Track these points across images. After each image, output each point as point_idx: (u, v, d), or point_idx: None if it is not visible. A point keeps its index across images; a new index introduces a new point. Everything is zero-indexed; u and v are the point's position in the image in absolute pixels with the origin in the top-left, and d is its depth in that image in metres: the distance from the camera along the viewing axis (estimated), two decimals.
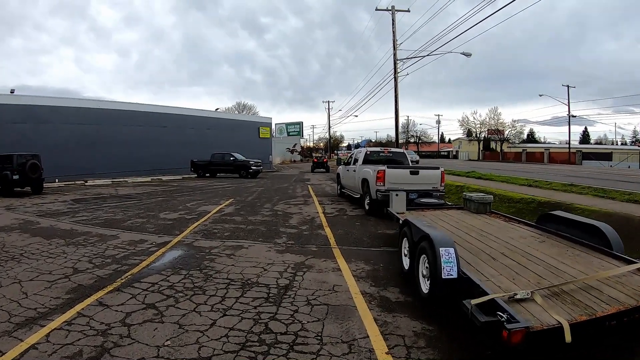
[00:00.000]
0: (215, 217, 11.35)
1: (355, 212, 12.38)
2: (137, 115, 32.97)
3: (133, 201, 15.58)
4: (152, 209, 13.12)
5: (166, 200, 15.59)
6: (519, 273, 4.38)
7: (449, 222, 7.37)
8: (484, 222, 7.34)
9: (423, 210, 8.76)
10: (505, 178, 19.36)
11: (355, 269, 6.29)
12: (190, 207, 13.63)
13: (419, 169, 11.08)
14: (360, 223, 10.47)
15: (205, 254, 7.33)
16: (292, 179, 28.61)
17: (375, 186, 10.90)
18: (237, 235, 8.90)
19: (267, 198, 16.21)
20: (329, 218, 11.20)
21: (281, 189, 20.42)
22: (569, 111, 60.60)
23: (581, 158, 63.46)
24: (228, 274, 6.07)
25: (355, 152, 14.85)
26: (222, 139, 38.23)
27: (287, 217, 11.42)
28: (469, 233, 6.39)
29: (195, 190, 20.15)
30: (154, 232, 9.38)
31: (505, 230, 6.59)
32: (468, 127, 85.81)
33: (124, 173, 30.17)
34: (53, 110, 27.88)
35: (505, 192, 13.58)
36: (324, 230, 9.46)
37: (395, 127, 26.64)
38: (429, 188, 11.03)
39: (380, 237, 8.86)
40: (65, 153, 27.58)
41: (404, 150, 14.52)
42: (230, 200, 15.49)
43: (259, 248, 7.75)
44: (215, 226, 10.01)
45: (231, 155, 30.90)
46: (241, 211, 12.53)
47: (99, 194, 18.58)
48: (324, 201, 15.09)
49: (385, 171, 10.74)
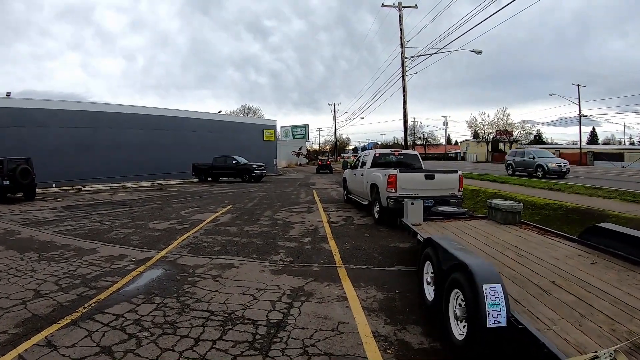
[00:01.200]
0: (208, 228, 10.26)
1: (364, 220, 11.23)
2: (137, 118, 32.12)
3: (125, 208, 14.57)
4: (142, 218, 12.09)
5: (160, 208, 14.55)
6: (584, 315, 3.25)
7: (476, 237, 6.22)
8: (517, 237, 6.20)
9: (442, 221, 7.63)
10: (522, 181, 18.19)
11: (365, 297, 5.13)
12: (184, 215, 12.57)
13: (435, 173, 9.91)
14: (369, 234, 9.29)
15: (188, 274, 6.25)
16: (296, 183, 27.50)
17: (385, 192, 9.75)
18: (229, 251, 7.78)
19: (268, 204, 15.10)
20: (334, 228, 10.05)
21: (284, 195, 19.29)
22: (580, 110, 59.18)
23: (592, 159, 61.96)
24: (209, 303, 4.96)
25: (363, 155, 13.69)
26: (225, 142, 37.36)
27: (287, 227, 10.28)
28: (504, 252, 5.24)
29: (194, 195, 19.09)
30: (137, 246, 8.35)
31: (545, 248, 5.44)
32: (476, 128, 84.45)
33: (124, 177, 29.34)
34: (50, 114, 27.14)
35: (526, 197, 12.41)
36: (328, 243, 8.31)
37: (404, 127, 25.50)
38: (446, 194, 9.90)
39: (393, 252, 7.66)
40: (62, 157, 26.99)
41: (416, 152, 13.35)
42: (229, 207, 14.40)
43: (251, 267, 6.63)
44: (206, 239, 8.92)
45: (233, 158, 29.87)
46: (238, 220, 11.43)
47: (93, 200, 17.61)
48: (329, 208, 13.96)
49: (397, 175, 9.59)
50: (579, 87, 58.78)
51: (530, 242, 5.77)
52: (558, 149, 72.61)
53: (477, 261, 3.51)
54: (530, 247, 5.43)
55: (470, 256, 3.70)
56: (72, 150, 27.79)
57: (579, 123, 60.58)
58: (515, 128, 78.46)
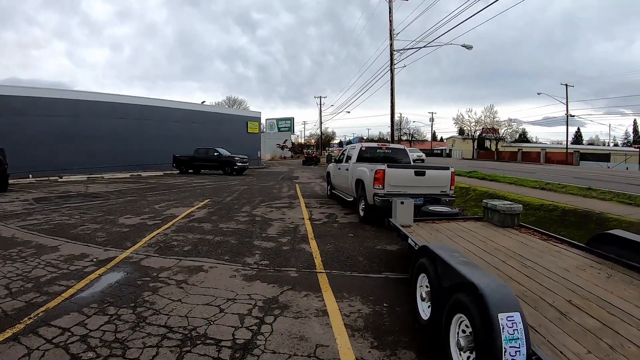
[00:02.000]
0: (181, 224, 9.52)
1: (348, 218, 10.57)
2: (118, 107, 30.93)
3: (98, 201, 13.75)
4: (113, 212, 11.31)
5: (134, 201, 13.74)
6: (613, 347, 2.66)
7: (473, 242, 5.60)
8: (518, 242, 5.61)
9: (434, 222, 7.02)
10: (512, 179, 17.72)
11: (348, 311, 4.47)
12: (157, 209, 11.80)
13: (426, 169, 9.28)
14: (353, 234, 8.62)
15: (151, 279, 5.56)
16: (279, 177, 26.69)
17: (372, 189, 9.08)
18: (199, 251, 7.06)
19: (248, 199, 14.37)
20: (316, 226, 9.36)
21: (266, 188, 18.53)
22: (567, 110, 59.29)
23: (579, 159, 62.30)
24: (169, 316, 4.28)
25: (348, 148, 12.99)
26: (209, 134, 36.39)
27: (265, 224, 9.57)
28: (507, 261, 4.62)
29: (172, 188, 18.26)
30: (101, 244, 7.62)
31: (551, 256, 4.84)
32: (462, 125, 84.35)
33: (103, 168, 28.30)
34: (28, 102, 25.90)
35: (519, 196, 11.90)
36: (309, 244, 7.61)
37: (391, 120, 24.90)
38: (436, 192, 9.29)
39: (380, 255, 6.99)
40: (40, 147, 25.87)
41: (404, 147, 12.69)
42: (206, 201, 13.64)
43: (221, 271, 5.93)
44: (177, 236, 8.18)
45: (215, 150, 28.99)
46: (214, 215, 10.70)
47: (67, 192, 16.72)
48: (312, 204, 13.27)
49: (385, 171, 8.92)
50: (567, 86, 58.99)
51: (533, 249, 5.17)
52: (544, 148, 72.91)
53: (490, 282, 2.84)
54: (535, 256, 4.84)
55: (480, 274, 3.03)
56: (51, 140, 26.59)
57: (566, 123, 60.67)
58: (502, 126, 78.49)
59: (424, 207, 7.81)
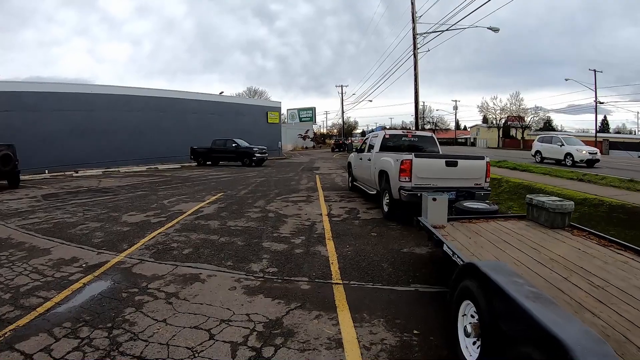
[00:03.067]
0: (186, 221, 8.71)
1: (370, 214, 9.57)
2: (134, 100, 30.44)
3: (107, 196, 13.12)
4: (119, 208, 10.63)
5: (144, 196, 13.05)
6: None
7: (522, 249, 4.59)
8: (575, 250, 4.56)
9: (471, 222, 6.03)
10: (545, 169, 16.45)
11: (368, 341, 3.52)
12: (166, 204, 11.06)
13: (458, 159, 8.24)
14: (377, 234, 7.61)
15: (138, 290, 4.78)
16: (299, 168, 25.80)
17: (397, 182, 8.07)
18: (200, 255, 6.22)
19: (264, 192, 13.51)
20: (334, 224, 8.40)
21: (283, 180, 17.65)
22: (596, 97, 56.80)
23: (608, 147, 60.03)
24: (147, 343, 3.48)
25: (371, 136, 11.95)
26: (228, 125, 35.74)
27: (279, 221, 8.68)
28: (570, 278, 3.58)
29: (187, 181, 17.56)
30: (96, 245, 6.91)
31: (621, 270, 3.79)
32: (487, 113, 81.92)
33: (119, 162, 27.98)
34: (41, 97, 25.47)
35: (557, 188, 10.79)
36: (326, 246, 6.67)
37: (415, 107, 23.73)
38: (470, 185, 8.24)
39: (407, 260, 6.01)
40: (55, 142, 25.63)
41: (432, 134, 11.58)
42: (219, 195, 12.85)
43: (220, 281, 5.07)
44: (179, 237, 7.37)
45: (233, 141, 28.27)
46: (224, 211, 9.86)
47: (77, 188, 16.21)
48: (332, 197, 12.32)
49: (412, 161, 7.89)
50: (595, 72, 56.27)
51: (595, 260, 4.13)
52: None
53: (581, 336, 1.82)
54: (600, 269, 3.81)
55: (563, 320, 2.00)
56: (66, 135, 26.28)
57: (595, 110, 58.30)
58: (529, 113, 76.03)
59: (457, 203, 6.80)
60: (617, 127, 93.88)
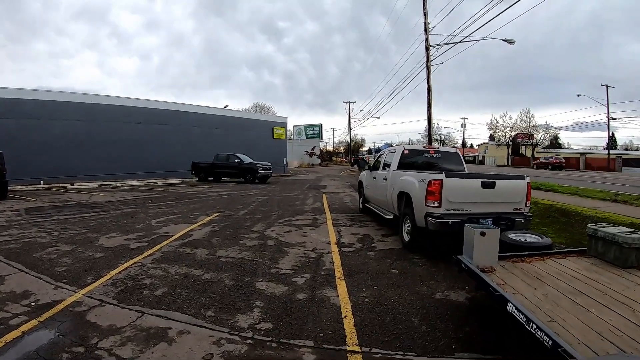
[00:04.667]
0: (169, 249, 7.34)
1: (387, 242, 8.12)
2: (135, 111, 29.36)
3: (93, 213, 11.88)
4: (100, 228, 9.37)
5: (132, 214, 11.74)
6: None
7: (608, 304, 3.28)
8: None
9: (523, 261, 4.68)
10: (572, 189, 15.01)
11: None
12: (153, 225, 9.74)
13: (495, 180, 6.80)
14: (398, 270, 6.14)
15: (85, 350, 3.53)
16: (304, 186, 24.39)
17: (423, 207, 6.63)
18: (175, 298, 4.83)
19: (265, 213, 12.10)
20: (346, 256, 6.94)
21: (287, 200, 16.21)
22: (608, 113, 55.64)
23: (621, 164, 58.70)
24: None
25: (386, 153, 10.44)
26: (232, 139, 34.56)
27: (279, 252, 7.23)
28: None
29: (182, 198, 16.23)
30: (58, 276, 5.71)
31: None
32: (497, 130, 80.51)
33: (118, 175, 26.79)
34: (39, 105, 24.51)
35: (596, 211, 9.49)
36: (336, 289, 5.21)
37: (428, 122, 22.49)
38: (509, 210, 6.83)
39: (443, 312, 4.55)
40: (52, 152, 24.60)
41: (457, 150, 10.18)
42: (214, 215, 11.48)
43: (194, 343, 3.68)
44: (156, 269, 6.01)
45: (236, 156, 27.00)
46: (216, 237, 8.47)
47: (66, 202, 15.02)
48: (341, 220, 10.84)
49: (442, 182, 6.44)
50: (607, 87, 55.27)
51: None
52: (584, 154, 68.60)
53: None
54: None
55: None
56: (64, 145, 25.22)
57: (607, 126, 57.39)
58: (539, 131, 74.67)
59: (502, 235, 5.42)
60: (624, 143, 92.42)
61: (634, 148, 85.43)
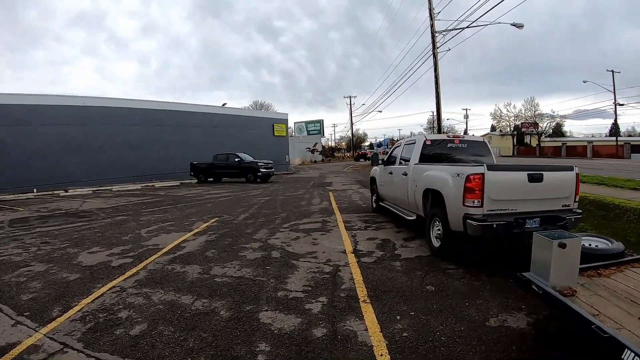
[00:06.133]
0: (156, 266, 6.20)
1: (412, 248, 6.93)
2: (132, 113, 28.28)
3: (79, 223, 10.80)
4: (83, 241, 8.28)
5: (122, 222, 10.64)
6: None
7: None
8: None
9: (599, 273, 3.58)
10: (597, 178, 13.87)
11: None
12: (142, 236, 8.64)
13: (542, 172, 5.56)
14: (434, 287, 4.95)
15: None
16: (309, 184, 23.22)
17: (460, 207, 5.45)
18: (155, 340, 3.69)
19: (268, 216, 10.94)
20: (367, 270, 5.75)
21: (292, 200, 15.03)
22: (615, 99, 54.87)
23: (630, 151, 57.62)
24: None
25: (403, 144, 9.16)
26: (232, 138, 33.45)
27: (286, 266, 6.06)
28: None
29: (180, 202, 15.12)
30: (20, 307, 4.67)
31: None
32: (501, 119, 79.17)
33: (114, 179, 25.92)
34: (32, 110, 23.52)
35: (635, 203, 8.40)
36: (362, 317, 4.05)
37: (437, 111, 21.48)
38: (557, 208, 5.70)
39: (506, 348, 3.37)
40: (46, 159, 23.73)
41: (484, 139, 8.94)
42: (212, 221, 10.36)
43: None
44: (137, 296, 4.88)
45: (236, 155, 25.86)
46: (212, 248, 7.31)
47: (54, 211, 13.96)
48: (353, 222, 9.66)
49: (484, 176, 5.26)
50: (613, 73, 54.45)
51: None
52: (591, 142, 67.23)
53: None
54: None
55: None
56: (58, 151, 24.33)
57: (615, 112, 56.50)
58: (544, 119, 73.34)
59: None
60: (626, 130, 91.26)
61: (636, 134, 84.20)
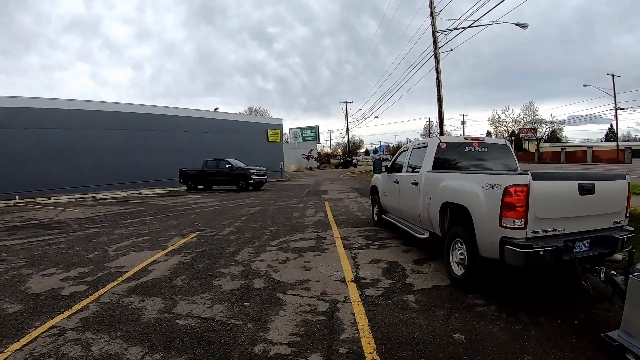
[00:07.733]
0: (112, 298, 4.96)
1: (426, 274, 5.74)
2: (118, 116, 27.12)
3: (47, 236, 9.64)
4: (42, 260, 7.13)
5: (93, 236, 9.46)
6: None
7: None
8: None
9: None
10: None
11: None
12: (110, 254, 7.44)
13: (594, 181, 4.40)
14: (465, 336, 3.70)
15: None
16: (303, 192, 22.04)
17: (496, 227, 4.20)
18: None
19: (254, 231, 9.71)
20: (373, 307, 4.50)
21: (284, 210, 13.77)
22: (615, 103, 54.49)
23: (631, 156, 57.36)
24: None
25: (411, 148, 7.74)
26: (224, 144, 32.38)
27: (269, 303, 4.75)
28: None
29: (162, 212, 13.90)
30: None
31: None
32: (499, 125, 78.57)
33: (100, 186, 24.78)
34: (11, 113, 22.35)
35: None
36: None
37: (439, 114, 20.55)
38: (608, 226, 4.58)
39: None
40: (28, 164, 22.61)
41: (506, 142, 7.67)
42: (192, 236, 9.15)
43: None
44: (74, 346, 3.64)
45: (227, 162, 24.71)
46: (183, 273, 6.08)
47: (27, 221, 12.82)
48: (353, 239, 8.43)
49: (529, 188, 4.03)
50: (613, 76, 54.38)
51: None
52: (591, 147, 66.68)
53: None
54: None
55: None
56: (41, 156, 23.23)
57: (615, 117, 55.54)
58: (544, 124, 72.85)
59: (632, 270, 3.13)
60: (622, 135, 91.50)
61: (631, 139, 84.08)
